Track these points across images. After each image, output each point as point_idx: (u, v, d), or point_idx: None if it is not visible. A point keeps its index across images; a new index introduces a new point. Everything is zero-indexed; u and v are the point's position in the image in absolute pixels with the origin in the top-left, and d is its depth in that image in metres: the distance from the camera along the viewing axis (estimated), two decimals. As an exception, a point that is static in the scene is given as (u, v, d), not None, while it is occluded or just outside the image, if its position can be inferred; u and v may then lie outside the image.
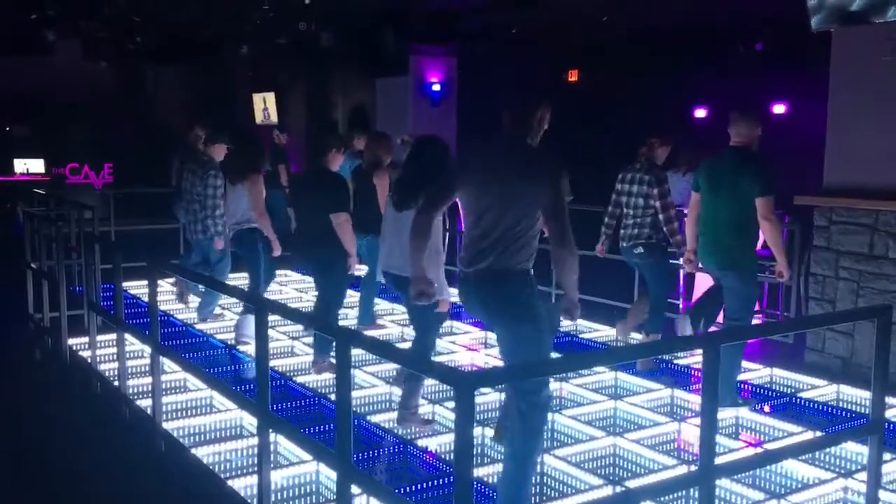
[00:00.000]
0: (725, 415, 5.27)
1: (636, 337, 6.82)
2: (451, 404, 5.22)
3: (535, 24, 12.03)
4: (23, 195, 9.42)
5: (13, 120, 16.14)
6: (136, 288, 8.29)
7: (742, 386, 5.83)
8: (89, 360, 6.25)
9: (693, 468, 3.68)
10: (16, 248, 8.17)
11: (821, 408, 5.61)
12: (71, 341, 6.74)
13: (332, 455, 3.06)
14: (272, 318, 4.17)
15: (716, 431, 2.89)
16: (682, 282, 9.14)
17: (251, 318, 5.99)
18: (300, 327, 7.05)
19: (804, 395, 5.76)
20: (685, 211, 6.13)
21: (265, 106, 16.73)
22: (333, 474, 3.31)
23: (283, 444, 4.64)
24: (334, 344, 5.22)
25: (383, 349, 3.13)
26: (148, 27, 12.79)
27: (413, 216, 4.09)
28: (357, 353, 5.02)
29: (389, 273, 5.24)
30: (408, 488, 4.15)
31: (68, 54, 13.50)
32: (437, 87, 12.22)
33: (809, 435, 4.85)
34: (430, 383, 5.48)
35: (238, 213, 7.01)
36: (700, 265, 5.88)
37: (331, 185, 6.18)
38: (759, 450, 4.57)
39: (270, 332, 6.86)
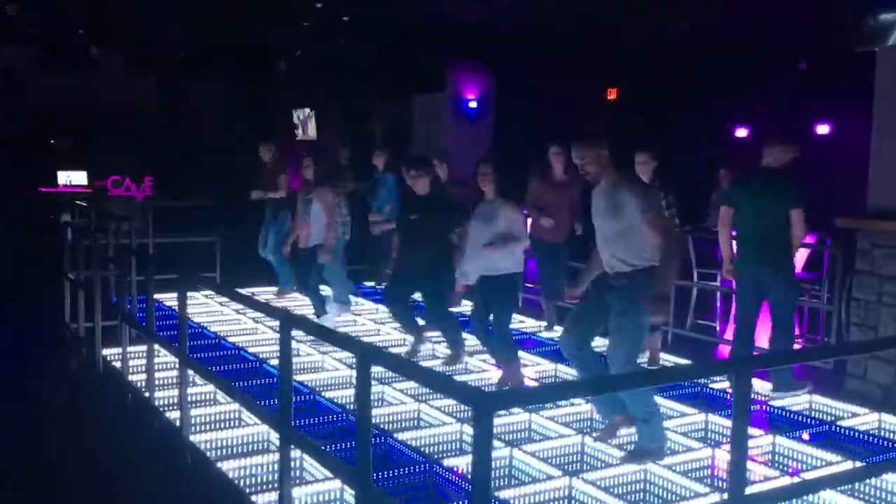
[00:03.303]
0: (761, 442, 5.13)
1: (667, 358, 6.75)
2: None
3: (574, 43, 11.97)
4: (65, 207, 9.57)
5: (57, 133, 16.46)
6: (173, 300, 8.35)
7: (781, 413, 5.70)
8: (122, 371, 6.29)
9: (724, 497, 3.56)
10: (58, 258, 8.30)
11: (861, 437, 5.43)
12: (106, 351, 6.79)
13: (352, 473, 3.02)
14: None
15: (746, 459, 2.79)
16: (719, 304, 8.98)
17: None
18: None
19: (844, 423, 5.58)
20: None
21: (305, 121, 16.90)
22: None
23: (309, 461, 4.61)
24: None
25: (405, 368, 3.07)
26: (189, 43, 12.99)
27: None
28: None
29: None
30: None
31: (112, 69, 13.75)
32: (473, 104, 12.20)
33: (849, 465, 4.69)
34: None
35: None
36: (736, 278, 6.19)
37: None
38: (794, 479, 4.43)
39: (302, 346, 6.95)
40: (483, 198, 6.19)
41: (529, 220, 7.79)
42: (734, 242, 6.31)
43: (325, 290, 8.33)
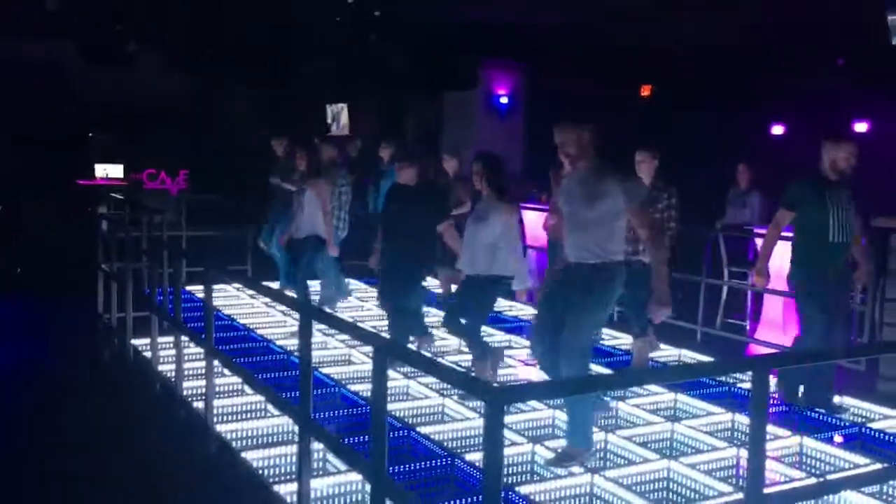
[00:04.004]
0: (788, 443, 5.07)
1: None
2: (508, 417, 5.18)
3: (606, 40, 11.90)
4: (101, 199, 9.75)
5: (95, 127, 16.73)
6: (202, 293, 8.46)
7: (809, 414, 5.63)
8: (152, 361, 6.39)
9: (740, 496, 3.52)
10: (93, 250, 8.46)
11: (892, 439, 5.33)
12: (137, 342, 6.91)
13: (367, 465, 3.04)
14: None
15: (764, 457, 2.76)
16: (750, 303, 8.89)
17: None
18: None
19: (874, 425, 5.49)
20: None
21: (337, 117, 16.96)
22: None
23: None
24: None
25: (420, 361, 3.07)
26: (223, 40, 13.12)
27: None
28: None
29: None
30: (449, 503, 4.08)
31: (148, 64, 13.93)
32: (504, 100, 12.18)
33: (876, 467, 4.61)
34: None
35: None
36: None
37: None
38: (816, 480, 4.37)
39: (328, 339, 6.99)
40: (481, 196, 5.96)
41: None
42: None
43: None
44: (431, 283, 8.22)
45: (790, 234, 5.90)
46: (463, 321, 6.01)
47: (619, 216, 4.59)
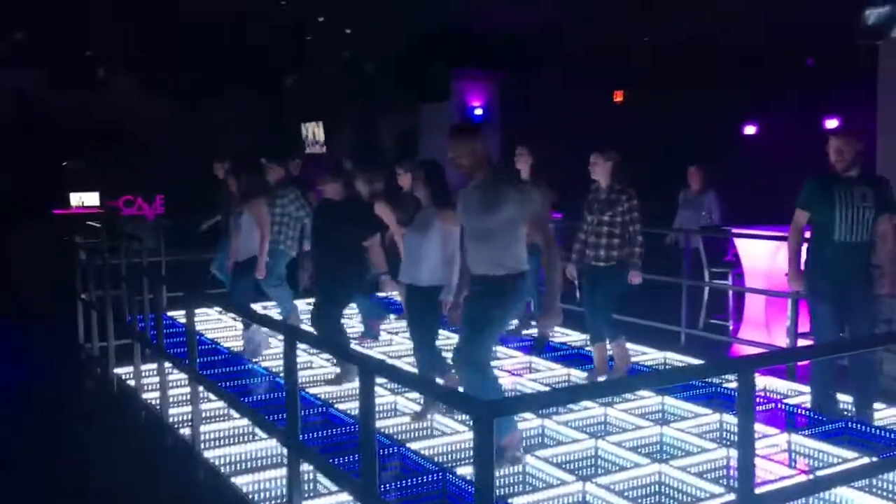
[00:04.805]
0: (776, 440, 5.09)
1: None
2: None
3: (580, 46, 11.98)
4: (77, 228, 9.66)
5: (69, 154, 16.60)
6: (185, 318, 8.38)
7: (797, 410, 5.66)
8: (136, 389, 6.33)
9: (732, 497, 3.53)
10: (71, 279, 8.37)
11: (879, 433, 5.37)
12: (119, 370, 6.84)
13: (356, 485, 3.02)
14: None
15: (753, 457, 2.76)
16: (732, 303, 8.94)
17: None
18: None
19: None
20: None
21: (313, 134, 16.96)
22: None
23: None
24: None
25: (404, 378, 3.06)
26: (197, 62, 13.09)
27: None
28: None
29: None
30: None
31: (121, 89, 13.87)
32: (479, 112, 12.22)
33: (864, 462, 4.64)
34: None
35: None
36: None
37: None
38: (807, 477, 4.39)
39: (314, 359, 6.95)
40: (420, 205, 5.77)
41: None
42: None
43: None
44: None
45: (785, 234, 5.82)
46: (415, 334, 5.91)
47: (516, 226, 4.48)
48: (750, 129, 14.59)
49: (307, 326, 7.65)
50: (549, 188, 7.29)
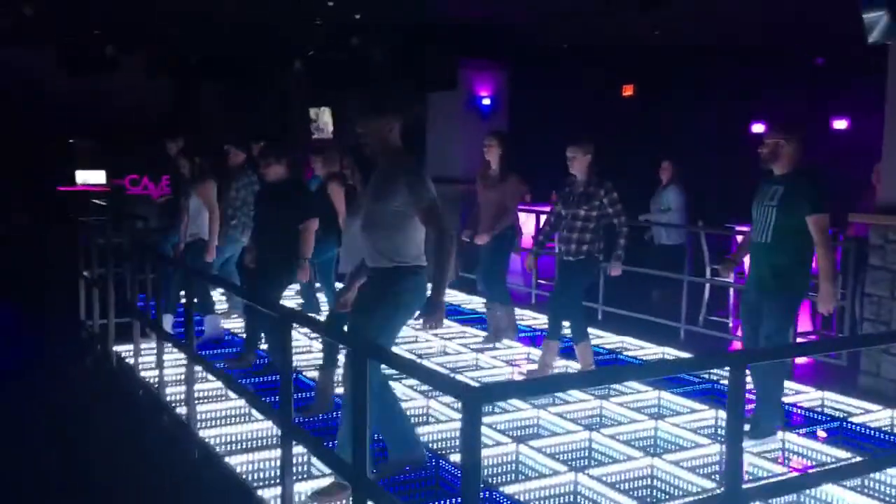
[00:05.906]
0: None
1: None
2: (492, 418, 5.19)
3: (589, 39, 11.94)
4: (82, 205, 9.69)
5: (76, 133, 16.63)
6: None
7: (792, 409, 5.65)
8: (134, 367, 6.36)
9: (719, 491, 3.54)
10: (75, 256, 8.40)
11: (874, 433, 5.38)
12: (119, 348, 6.87)
13: (349, 469, 3.04)
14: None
15: (741, 452, 2.77)
16: (732, 300, 8.94)
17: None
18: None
19: (856, 419, 5.53)
20: None
21: (320, 120, 16.96)
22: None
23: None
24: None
25: (402, 364, 3.05)
26: (204, 44, 13.09)
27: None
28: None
29: None
30: (433, 504, 4.09)
31: (129, 70, 13.87)
32: (487, 101, 12.20)
33: (856, 460, 4.64)
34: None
35: None
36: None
37: None
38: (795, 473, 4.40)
39: (313, 343, 6.98)
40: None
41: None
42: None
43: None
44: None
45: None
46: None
47: (407, 217, 4.17)
48: (759, 128, 14.54)
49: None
50: (519, 181, 7.14)
